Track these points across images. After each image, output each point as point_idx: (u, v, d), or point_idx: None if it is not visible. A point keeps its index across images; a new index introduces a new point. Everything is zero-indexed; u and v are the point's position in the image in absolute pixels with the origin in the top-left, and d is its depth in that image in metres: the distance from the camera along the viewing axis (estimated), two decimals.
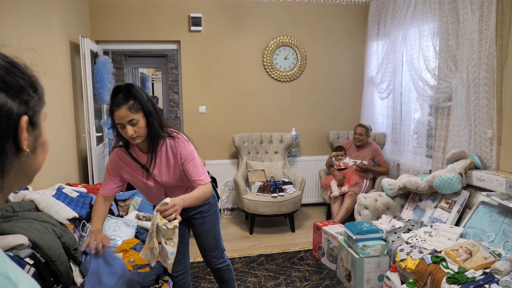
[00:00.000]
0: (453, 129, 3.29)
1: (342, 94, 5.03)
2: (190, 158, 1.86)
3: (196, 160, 1.88)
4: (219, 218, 2.26)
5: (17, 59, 0.60)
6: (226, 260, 2.32)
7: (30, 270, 1.65)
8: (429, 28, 3.56)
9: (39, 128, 0.63)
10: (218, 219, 2.22)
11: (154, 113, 1.75)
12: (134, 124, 1.71)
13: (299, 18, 4.79)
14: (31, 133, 0.61)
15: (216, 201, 2.23)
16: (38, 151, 0.64)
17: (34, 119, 0.61)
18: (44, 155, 0.66)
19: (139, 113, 1.71)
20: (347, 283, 2.96)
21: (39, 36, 2.83)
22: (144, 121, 1.73)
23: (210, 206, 2.15)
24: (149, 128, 1.76)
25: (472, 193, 2.96)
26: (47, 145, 0.66)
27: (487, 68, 2.94)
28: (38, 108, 0.62)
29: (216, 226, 2.21)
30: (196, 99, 4.69)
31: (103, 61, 4.09)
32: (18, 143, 0.58)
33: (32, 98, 0.60)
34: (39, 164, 0.65)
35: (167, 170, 1.90)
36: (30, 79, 0.61)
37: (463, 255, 2.36)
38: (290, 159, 4.88)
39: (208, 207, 2.14)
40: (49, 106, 3.09)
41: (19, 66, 0.59)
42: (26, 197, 2.22)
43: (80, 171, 3.75)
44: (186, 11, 4.53)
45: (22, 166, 0.61)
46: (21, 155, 0.59)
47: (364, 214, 3.40)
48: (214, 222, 2.19)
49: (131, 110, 1.69)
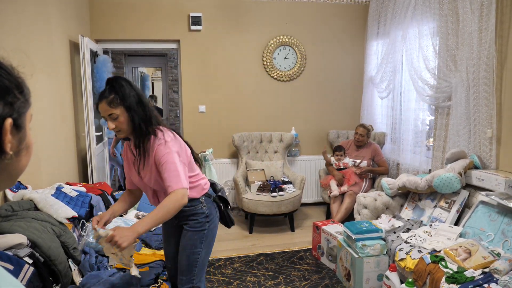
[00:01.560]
0: (453, 128, 3.29)
1: (341, 93, 5.03)
2: (164, 160, 1.70)
3: (169, 164, 1.69)
4: (208, 247, 1.92)
5: (3, 60, 0.58)
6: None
7: (29, 269, 1.65)
8: (428, 27, 3.56)
9: (24, 130, 0.61)
10: (202, 243, 1.89)
11: (137, 109, 1.70)
12: (114, 119, 1.70)
13: (299, 17, 4.79)
14: (15, 136, 0.59)
15: (211, 222, 1.92)
16: (22, 154, 0.62)
17: (19, 121, 0.59)
18: (28, 157, 0.64)
19: (119, 107, 1.69)
20: (347, 282, 2.96)
21: (39, 35, 2.82)
22: (125, 116, 1.70)
23: (196, 222, 1.88)
24: (132, 124, 1.72)
25: (472, 192, 2.96)
26: (31, 147, 0.65)
27: (487, 67, 2.94)
28: (23, 110, 0.60)
29: (194, 249, 1.87)
30: (196, 99, 4.69)
31: (103, 60, 4.09)
32: (1, 145, 0.56)
33: (17, 100, 0.58)
34: (23, 166, 0.63)
35: (149, 170, 1.79)
36: (16, 80, 0.59)
37: (462, 254, 2.36)
38: (289, 158, 4.88)
39: (194, 223, 1.88)
40: (49, 105, 3.09)
41: (5, 67, 0.58)
42: (25, 196, 2.22)
43: (80, 170, 3.75)
44: (186, 11, 4.53)
45: (5, 169, 0.59)
46: (3, 158, 0.57)
47: (363, 213, 3.41)
48: (194, 243, 1.87)
49: (110, 105, 1.68)
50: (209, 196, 1.95)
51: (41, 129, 2.79)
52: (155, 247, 2.55)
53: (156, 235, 2.71)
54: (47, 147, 2.90)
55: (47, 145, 2.89)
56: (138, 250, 2.51)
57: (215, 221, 1.96)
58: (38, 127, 2.74)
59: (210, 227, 1.92)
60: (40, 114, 2.77)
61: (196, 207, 1.88)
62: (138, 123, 1.71)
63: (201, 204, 1.89)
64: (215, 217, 1.96)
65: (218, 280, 3.05)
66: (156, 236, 2.70)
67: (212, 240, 1.95)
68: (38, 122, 2.74)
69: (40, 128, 2.78)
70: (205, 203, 1.91)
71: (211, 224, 1.92)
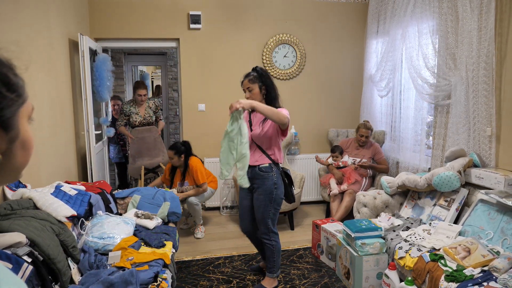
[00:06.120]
0: (452, 127, 3.29)
1: (341, 92, 5.03)
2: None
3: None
4: (277, 204, 2.70)
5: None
6: (271, 239, 2.76)
7: (28, 268, 1.65)
8: (428, 26, 3.56)
9: (16, 129, 0.56)
10: (270, 201, 2.67)
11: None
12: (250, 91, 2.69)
13: (298, 16, 4.78)
14: (3, 137, 0.54)
15: (276, 182, 2.68)
16: (16, 152, 0.58)
17: (8, 122, 0.54)
18: (26, 153, 0.60)
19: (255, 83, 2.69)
20: (346, 281, 2.96)
21: (38, 33, 2.82)
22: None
23: (267, 180, 2.68)
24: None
25: (471, 191, 2.96)
26: (28, 143, 0.60)
27: (486, 66, 2.94)
28: (13, 109, 0.55)
29: (267, 205, 2.67)
30: (195, 97, 4.69)
31: (102, 59, 4.08)
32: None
33: (4, 99, 0.53)
34: (21, 163, 0.60)
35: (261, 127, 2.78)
36: (3, 77, 0.53)
37: (462, 253, 2.37)
38: (289, 157, 4.88)
39: (262, 181, 2.68)
40: (48, 104, 3.08)
41: None
42: (24, 195, 2.22)
43: (79, 169, 3.75)
44: (185, 9, 4.52)
45: (1, 167, 0.56)
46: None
47: (363, 212, 3.41)
48: (266, 200, 2.67)
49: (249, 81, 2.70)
50: (278, 168, 2.75)
51: (40, 128, 2.78)
52: (154, 245, 2.55)
53: (156, 234, 2.71)
54: (47, 145, 2.90)
55: (46, 144, 2.88)
56: (138, 249, 2.51)
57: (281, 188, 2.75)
58: (38, 126, 2.73)
59: (275, 184, 2.69)
60: (39, 113, 2.77)
61: (268, 173, 2.68)
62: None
63: (272, 172, 2.68)
64: (280, 186, 2.73)
65: (218, 279, 3.06)
66: (156, 235, 2.70)
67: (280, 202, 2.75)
68: (38, 120, 2.74)
69: (40, 126, 2.77)
70: (275, 173, 2.69)
71: (276, 181, 2.70)
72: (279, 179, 2.72)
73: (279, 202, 2.73)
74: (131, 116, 4.44)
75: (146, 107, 4.51)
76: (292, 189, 2.84)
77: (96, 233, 2.44)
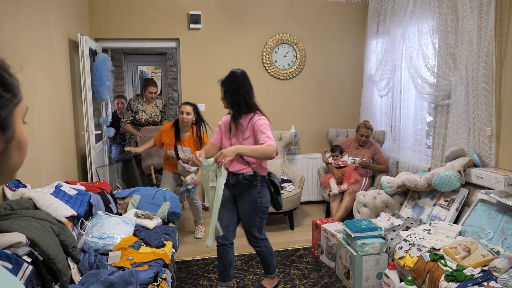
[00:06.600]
0: (452, 127, 3.29)
1: (341, 92, 5.03)
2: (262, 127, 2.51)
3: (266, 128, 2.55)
4: (263, 213, 2.60)
5: None
6: (260, 246, 2.69)
7: (28, 268, 1.65)
8: (428, 26, 3.56)
9: (12, 129, 0.56)
10: (255, 210, 2.57)
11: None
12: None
13: (298, 16, 4.78)
14: (0, 138, 0.54)
15: (260, 190, 2.58)
16: (12, 153, 0.57)
17: (3, 122, 0.54)
18: (21, 153, 0.60)
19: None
20: (346, 281, 2.96)
21: (38, 33, 2.82)
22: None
23: (252, 186, 2.56)
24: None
25: (471, 191, 2.96)
26: (23, 144, 0.60)
27: (486, 66, 2.94)
28: (9, 109, 0.54)
29: (252, 214, 2.58)
30: (195, 97, 4.67)
31: (102, 59, 4.08)
32: None
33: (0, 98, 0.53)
34: (17, 163, 0.60)
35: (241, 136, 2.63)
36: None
37: (462, 252, 2.37)
38: (289, 157, 4.88)
39: (249, 184, 2.56)
40: (48, 104, 3.07)
41: None
42: (24, 195, 2.22)
43: (79, 169, 3.75)
44: (185, 9, 4.52)
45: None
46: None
47: (363, 212, 3.41)
48: (250, 209, 2.57)
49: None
50: (264, 177, 2.60)
51: (40, 128, 2.78)
52: (154, 245, 2.55)
53: (156, 234, 2.71)
54: (47, 145, 2.89)
55: (46, 144, 2.88)
56: (138, 249, 2.51)
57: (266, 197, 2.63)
58: (38, 126, 2.73)
59: (262, 190, 2.59)
60: (39, 113, 2.77)
61: (252, 182, 2.55)
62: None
63: (256, 181, 2.55)
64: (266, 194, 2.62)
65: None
66: (156, 235, 2.70)
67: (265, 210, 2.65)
68: (38, 121, 2.74)
69: (39, 126, 2.77)
70: (260, 181, 2.57)
71: (263, 187, 2.60)
72: (263, 187, 2.61)
73: (264, 210, 2.63)
74: (137, 113, 4.40)
75: (153, 106, 4.49)
76: (279, 198, 2.73)
77: (96, 233, 2.44)
